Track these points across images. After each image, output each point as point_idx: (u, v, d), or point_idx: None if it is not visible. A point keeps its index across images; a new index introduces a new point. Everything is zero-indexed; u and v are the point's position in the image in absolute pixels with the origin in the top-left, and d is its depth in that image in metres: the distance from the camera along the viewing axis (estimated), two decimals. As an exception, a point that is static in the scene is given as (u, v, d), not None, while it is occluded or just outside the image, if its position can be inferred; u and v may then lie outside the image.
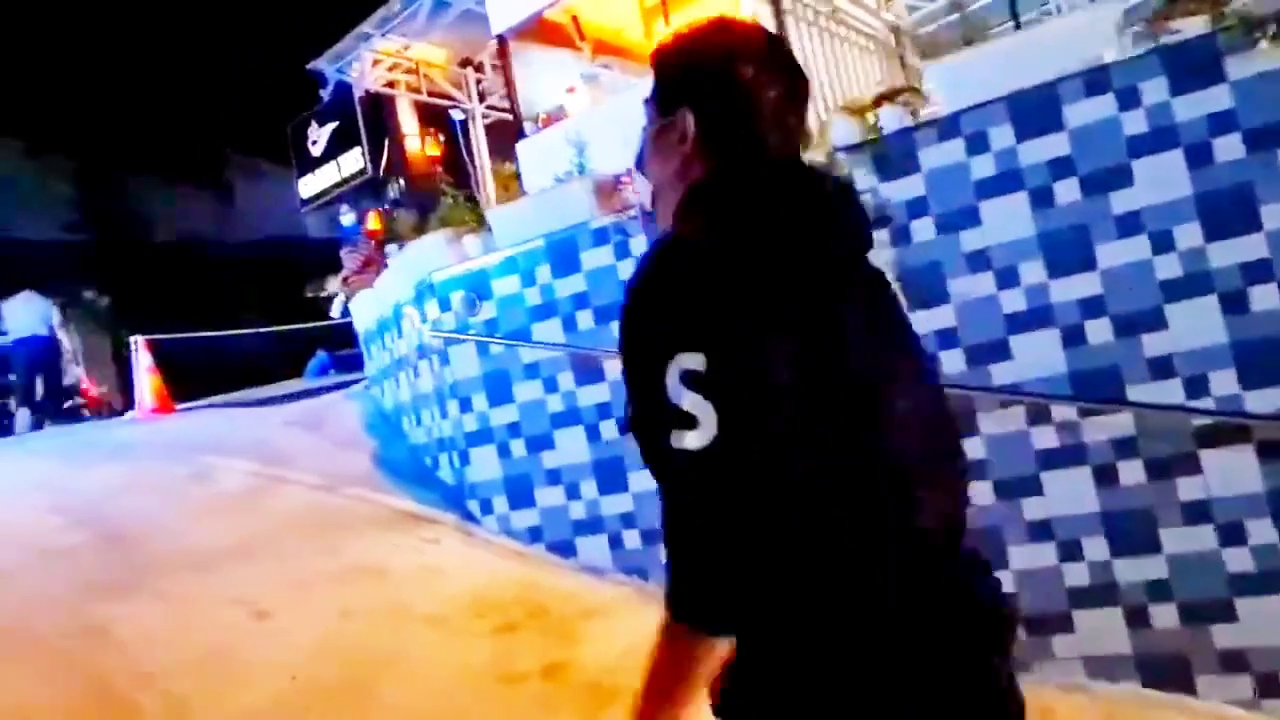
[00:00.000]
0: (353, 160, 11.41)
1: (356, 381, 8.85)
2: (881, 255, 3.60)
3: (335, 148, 11.62)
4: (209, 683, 3.18)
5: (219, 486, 5.08)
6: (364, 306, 6.15)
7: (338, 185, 11.66)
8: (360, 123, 11.07)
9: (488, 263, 4.51)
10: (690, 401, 0.81)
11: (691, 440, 0.81)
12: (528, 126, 5.24)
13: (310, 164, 11.99)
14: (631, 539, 4.22)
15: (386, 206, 9.80)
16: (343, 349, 14.66)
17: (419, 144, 11.36)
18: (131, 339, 8.77)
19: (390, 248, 5.84)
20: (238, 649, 3.42)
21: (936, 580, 0.89)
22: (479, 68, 10.14)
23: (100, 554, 4.22)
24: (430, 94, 10.21)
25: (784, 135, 0.99)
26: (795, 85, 1.01)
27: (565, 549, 4.37)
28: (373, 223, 8.00)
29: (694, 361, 0.82)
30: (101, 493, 5.08)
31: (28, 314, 8.18)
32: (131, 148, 19.58)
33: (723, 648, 0.85)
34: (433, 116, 11.44)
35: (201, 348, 11.86)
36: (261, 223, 22.19)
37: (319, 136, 11.83)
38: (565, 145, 4.50)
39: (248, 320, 15.90)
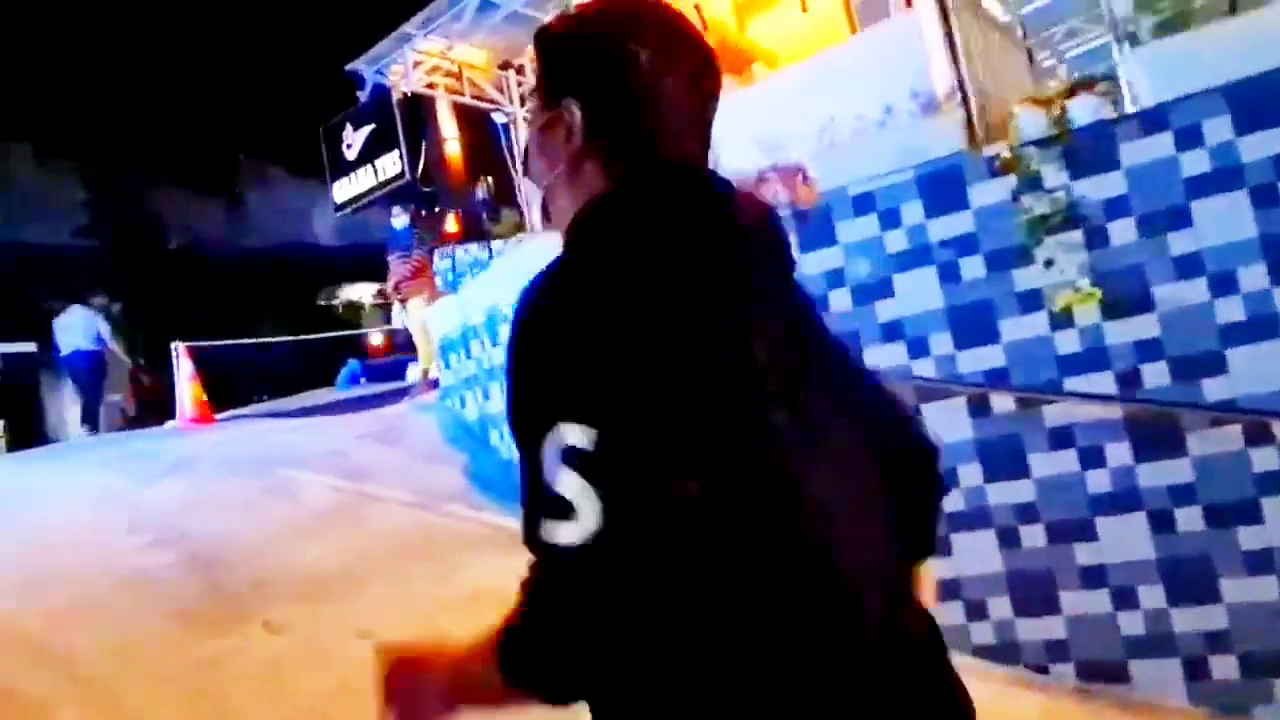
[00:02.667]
0: (390, 164, 11.14)
1: (395, 392, 8.54)
2: (1074, 258, 3.34)
3: (372, 151, 11.35)
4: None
5: (303, 504, 4.74)
6: (445, 313, 5.82)
7: (374, 189, 11.37)
8: (399, 125, 10.79)
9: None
10: (568, 485, 0.66)
11: (565, 534, 0.66)
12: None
13: (345, 168, 11.70)
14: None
15: (478, 206, 9.50)
16: (370, 358, 14.34)
17: (458, 147, 11.09)
18: (172, 346, 8.44)
19: (458, 251, 5.55)
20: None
21: (885, 687, 0.74)
22: (520, 70, 9.94)
23: (193, 579, 3.88)
24: (472, 97, 9.98)
25: (688, 131, 0.85)
26: (702, 71, 0.86)
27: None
28: (452, 225, 7.69)
29: (578, 436, 0.66)
30: (176, 509, 4.74)
31: (75, 328, 8.08)
32: (142, 153, 19.31)
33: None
34: (471, 120, 11.19)
35: (225, 356, 11.52)
36: (273, 229, 21.94)
37: (354, 140, 11.54)
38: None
39: (261, 328, 15.59)
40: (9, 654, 3.27)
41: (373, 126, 11.21)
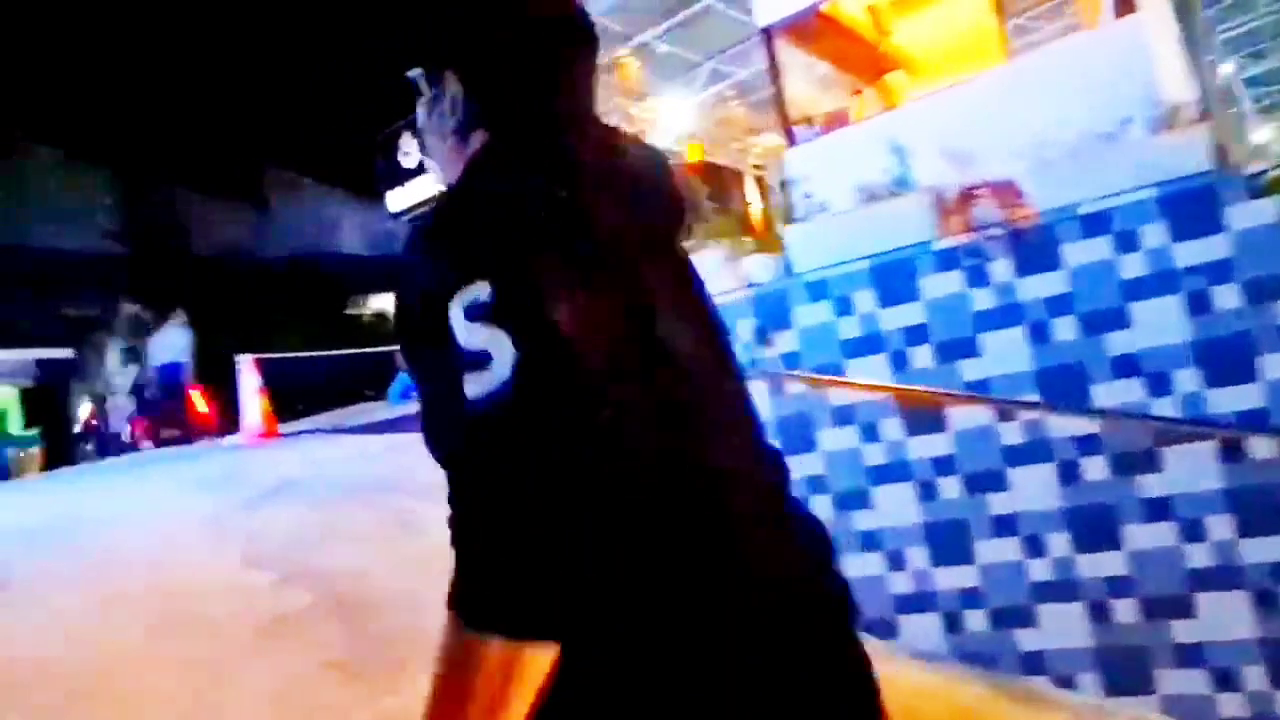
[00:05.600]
0: (451, 173, 10.85)
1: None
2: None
3: (431, 160, 11.07)
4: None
5: (431, 538, 4.36)
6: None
7: (433, 198, 11.08)
8: (462, 133, 10.51)
9: (786, 287, 3.85)
10: (481, 336, 0.67)
11: (482, 383, 0.66)
12: (799, 132, 4.62)
13: (401, 176, 11.42)
14: (974, 620, 3.54)
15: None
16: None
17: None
18: (237, 358, 8.12)
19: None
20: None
21: (781, 573, 0.76)
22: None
23: (340, 625, 3.50)
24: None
25: (570, 102, 0.84)
26: (582, 46, 0.86)
27: (882, 629, 3.68)
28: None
29: (481, 291, 0.68)
30: (293, 541, 4.37)
31: (167, 342, 7.89)
32: (170, 159, 19.12)
33: (538, 658, 0.67)
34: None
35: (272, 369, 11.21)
36: (299, 238, 21.77)
37: (413, 148, 11.27)
38: (880, 151, 3.87)
39: (290, 337, 15.28)
40: (154, 714, 2.91)
41: (433, 135, 10.93)
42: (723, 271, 3.98)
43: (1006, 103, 3.78)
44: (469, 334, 0.68)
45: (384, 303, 21.62)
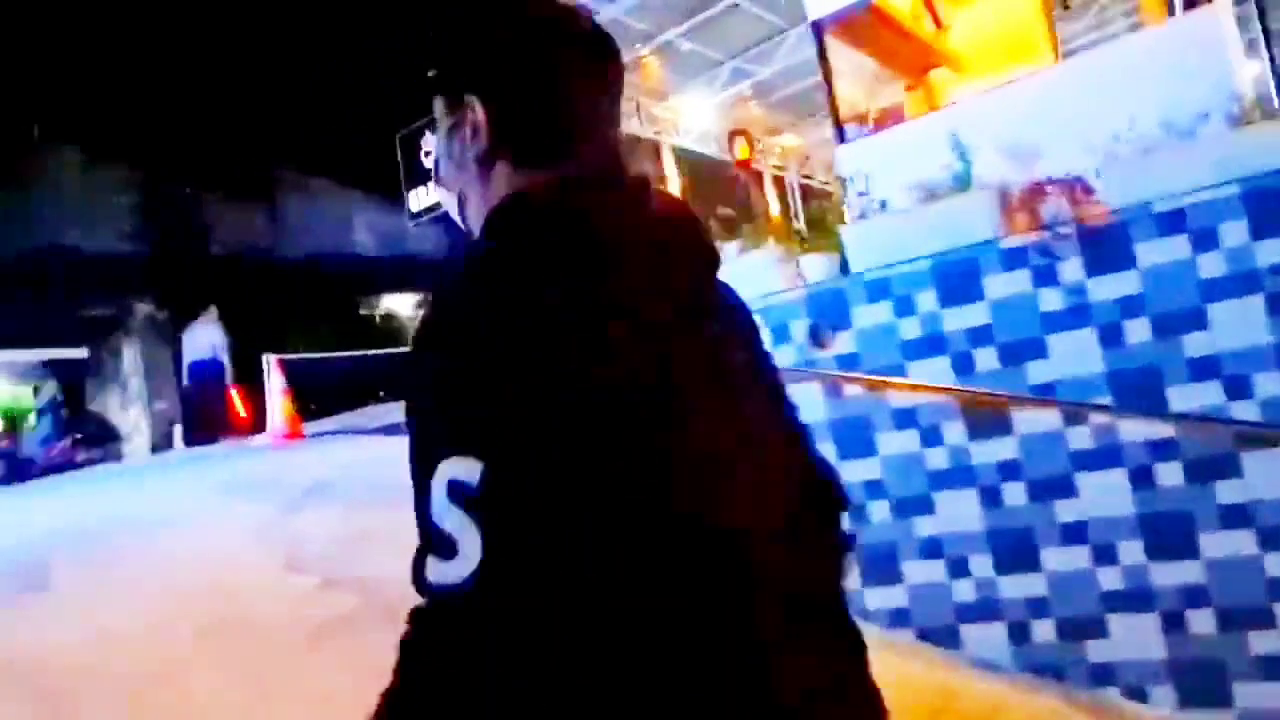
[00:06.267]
0: (473, 172, 10.77)
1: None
2: None
3: (453, 159, 10.99)
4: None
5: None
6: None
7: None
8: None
9: (843, 287, 3.76)
10: (453, 520, 0.60)
11: (440, 573, 0.60)
12: (849, 129, 4.53)
13: (422, 176, 11.34)
14: (1042, 630, 3.44)
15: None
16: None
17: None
18: (263, 358, 8.07)
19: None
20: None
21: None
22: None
23: (387, 630, 3.42)
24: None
25: (599, 132, 0.79)
26: (608, 70, 0.80)
27: (944, 637, 3.58)
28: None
29: (464, 470, 0.60)
30: (334, 545, 4.31)
31: (199, 339, 7.85)
32: (188, 160, 19.14)
33: None
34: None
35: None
36: (313, 238, 21.80)
37: (434, 147, 11.19)
38: (939, 148, 3.77)
39: (304, 336, 15.26)
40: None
41: (454, 134, 10.85)
42: (776, 271, 3.88)
43: (1073, 98, 3.68)
44: (442, 510, 0.60)
45: (395, 303, 21.59)
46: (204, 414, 8.12)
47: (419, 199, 11.40)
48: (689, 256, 0.77)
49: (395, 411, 8.09)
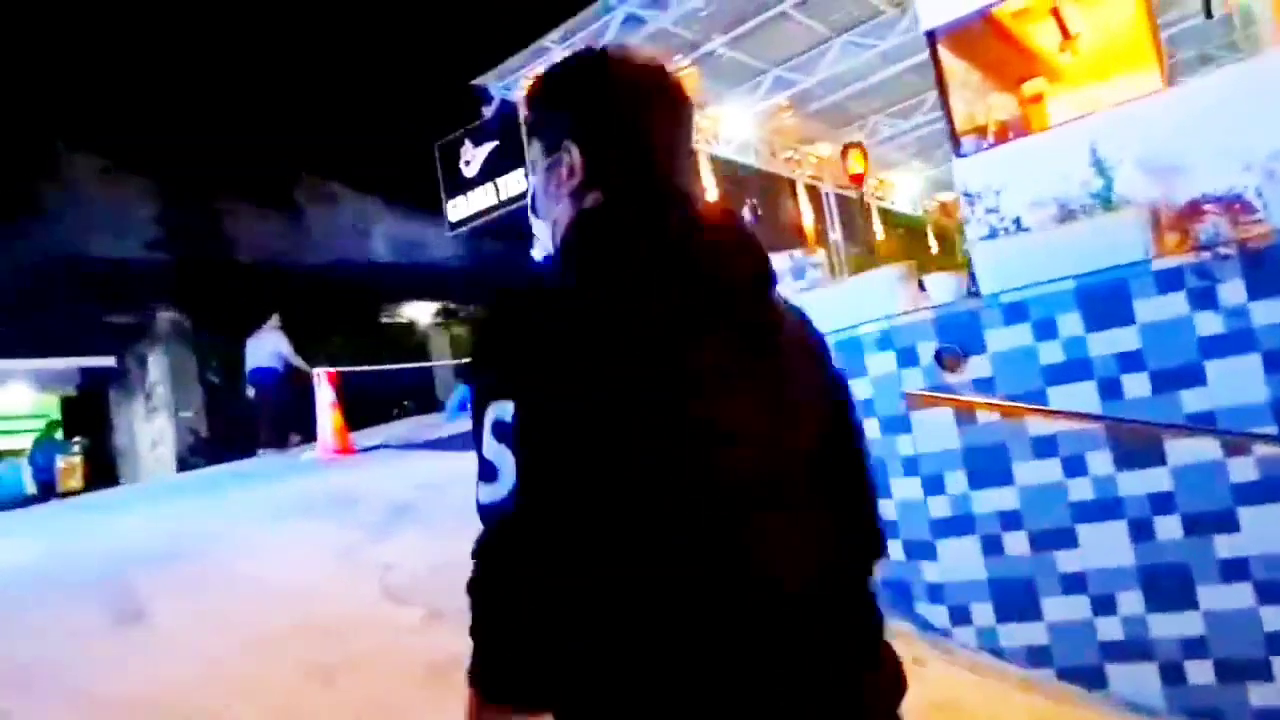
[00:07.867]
0: (514, 182, 10.63)
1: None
2: None
3: (493, 169, 10.86)
4: None
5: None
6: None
7: (495, 208, 10.87)
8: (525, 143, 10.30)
9: (976, 309, 3.60)
10: (494, 452, 0.79)
11: (487, 494, 0.79)
12: (966, 142, 4.38)
13: (461, 186, 11.21)
14: (1198, 672, 3.26)
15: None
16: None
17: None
18: (314, 372, 7.90)
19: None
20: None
21: (791, 662, 0.79)
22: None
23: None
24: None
25: (673, 165, 0.95)
26: (681, 114, 0.97)
27: (1088, 677, 3.41)
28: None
29: (504, 410, 0.79)
30: (431, 573, 4.13)
31: (259, 347, 7.72)
32: (211, 167, 19.05)
33: None
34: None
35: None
36: (334, 247, 21.72)
37: (473, 157, 11.06)
38: (1075, 164, 3.61)
39: (328, 346, 15.12)
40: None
41: (495, 144, 10.70)
42: (897, 291, 3.72)
43: (1226, 113, 3.53)
44: (489, 444, 0.79)
45: (416, 311, 21.45)
46: (272, 421, 7.94)
47: (457, 209, 11.27)
48: (740, 270, 0.88)
49: (431, 424, 7.87)
